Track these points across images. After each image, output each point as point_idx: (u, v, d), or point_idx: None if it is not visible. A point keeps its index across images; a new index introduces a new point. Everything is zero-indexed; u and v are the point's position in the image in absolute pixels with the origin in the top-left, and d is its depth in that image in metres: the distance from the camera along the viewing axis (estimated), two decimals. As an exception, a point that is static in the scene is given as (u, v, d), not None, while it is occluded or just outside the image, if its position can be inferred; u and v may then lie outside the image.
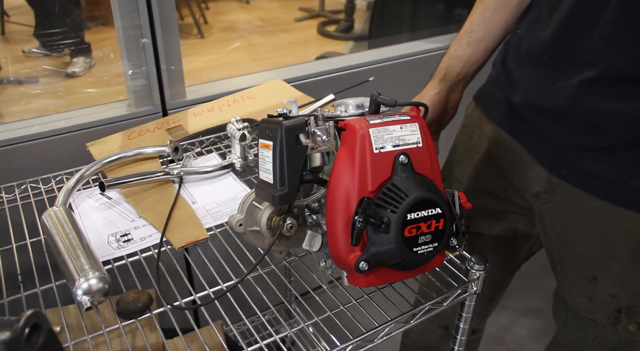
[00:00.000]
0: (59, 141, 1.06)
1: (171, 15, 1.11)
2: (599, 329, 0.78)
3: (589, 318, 0.79)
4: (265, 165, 0.62)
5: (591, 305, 0.78)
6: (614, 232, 0.72)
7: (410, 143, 0.60)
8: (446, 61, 0.85)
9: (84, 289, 0.66)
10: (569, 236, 0.79)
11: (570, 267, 0.80)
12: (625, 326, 0.75)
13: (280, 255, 0.74)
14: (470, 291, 0.74)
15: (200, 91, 1.21)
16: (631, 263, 0.72)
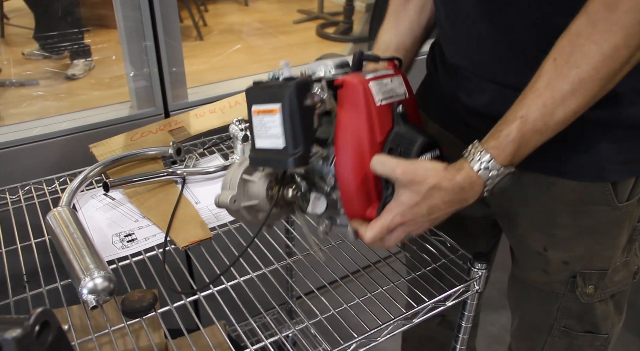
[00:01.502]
0: (62, 143, 1.06)
1: (173, 18, 1.11)
2: (560, 299, 0.80)
3: (548, 290, 0.81)
4: (269, 130, 0.59)
5: (547, 276, 0.80)
6: (553, 200, 0.73)
7: (400, 94, 0.63)
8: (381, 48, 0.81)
9: (90, 288, 0.67)
10: (515, 213, 0.80)
11: (523, 243, 0.82)
12: (583, 290, 0.78)
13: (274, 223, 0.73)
14: (473, 290, 0.75)
15: (201, 93, 1.22)
16: (573, 228, 0.74)
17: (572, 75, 0.53)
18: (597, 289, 0.78)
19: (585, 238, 0.75)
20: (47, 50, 2.74)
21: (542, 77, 0.55)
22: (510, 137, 0.56)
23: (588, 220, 0.73)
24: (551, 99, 0.54)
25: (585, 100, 0.54)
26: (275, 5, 4.00)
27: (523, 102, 0.56)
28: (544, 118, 0.55)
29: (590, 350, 0.84)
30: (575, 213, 0.73)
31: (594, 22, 0.51)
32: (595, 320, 0.81)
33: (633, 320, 1.80)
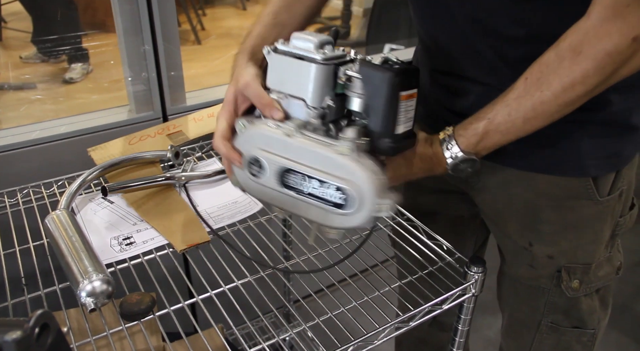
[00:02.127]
0: (61, 146, 1.07)
1: (172, 22, 1.12)
2: (547, 294, 0.83)
3: (535, 285, 0.83)
4: (407, 114, 0.62)
5: (534, 271, 0.82)
6: (537, 196, 0.77)
7: None
8: (251, 41, 0.76)
9: (88, 291, 0.67)
10: (500, 209, 0.82)
11: (509, 240, 0.84)
12: (568, 285, 0.80)
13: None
14: (469, 293, 0.75)
15: (200, 97, 1.23)
16: (557, 222, 0.77)
17: (535, 97, 0.61)
18: (582, 283, 0.81)
19: (569, 232, 0.78)
20: (45, 53, 2.74)
21: (514, 91, 0.63)
22: (477, 131, 0.65)
23: (571, 215, 0.76)
24: (515, 111, 0.63)
25: (543, 118, 0.63)
26: (273, 9, 4.01)
27: (494, 106, 0.64)
28: (507, 124, 0.63)
29: (577, 345, 0.86)
30: (559, 208, 0.77)
31: (560, 58, 0.59)
32: (582, 315, 0.83)
33: (629, 323, 1.81)
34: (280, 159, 0.61)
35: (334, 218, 0.62)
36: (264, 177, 0.63)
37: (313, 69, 0.60)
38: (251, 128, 0.63)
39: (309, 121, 0.62)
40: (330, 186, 0.59)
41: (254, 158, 0.63)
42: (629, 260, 1.97)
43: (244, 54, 0.73)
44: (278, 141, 0.61)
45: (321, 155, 0.59)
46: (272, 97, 0.64)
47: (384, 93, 0.59)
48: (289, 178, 0.62)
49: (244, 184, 0.67)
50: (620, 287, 1.88)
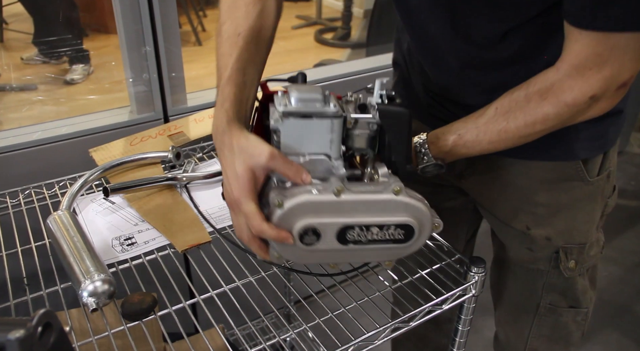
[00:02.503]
0: (62, 147, 1.07)
1: (173, 23, 1.12)
2: (545, 276, 0.87)
3: (534, 268, 0.88)
4: None
5: (532, 254, 0.86)
6: (530, 180, 0.82)
7: None
8: (231, 106, 0.63)
9: (90, 291, 0.67)
10: (496, 198, 0.87)
11: (507, 226, 0.87)
12: (565, 265, 0.85)
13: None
14: (469, 293, 0.75)
15: (201, 98, 1.23)
16: (552, 205, 0.82)
17: (501, 125, 0.69)
18: (578, 263, 0.85)
19: (564, 213, 0.82)
20: (46, 55, 2.74)
21: (484, 116, 0.71)
22: (446, 143, 0.73)
23: (565, 196, 0.82)
24: (483, 133, 0.71)
25: (504, 144, 0.71)
26: (274, 11, 4.02)
27: (466, 124, 0.72)
28: (473, 143, 0.72)
29: (573, 325, 0.91)
30: (553, 191, 0.81)
31: (528, 99, 0.67)
32: (577, 295, 0.88)
33: (630, 324, 1.81)
34: (337, 220, 0.59)
35: (394, 253, 0.64)
36: (320, 243, 0.60)
37: (333, 123, 0.62)
38: (290, 201, 0.58)
39: (337, 173, 0.63)
40: (390, 227, 0.61)
41: (307, 228, 0.59)
42: (629, 260, 1.98)
43: (232, 123, 0.61)
44: (329, 204, 0.58)
45: (377, 201, 0.60)
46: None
47: (404, 127, 0.64)
48: (347, 234, 0.60)
49: (292, 256, 0.62)
50: (620, 288, 1.89)
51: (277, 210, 0.58)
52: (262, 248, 0.62)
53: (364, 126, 0.65)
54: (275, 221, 0.58)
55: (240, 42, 0.68)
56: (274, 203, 0.58)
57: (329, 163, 0.63)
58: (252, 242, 0.61)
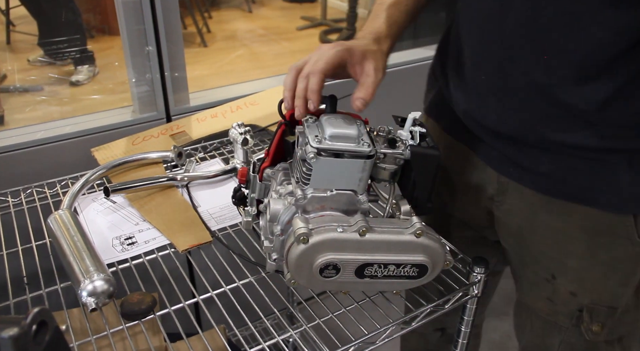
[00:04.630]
0: (65, 146, 1.07)
1: (175, 24, 1.12)
2: (563, 332, 0.78)
3: (552, 321, 0.79)
4: None
5: (553, 306, 0.78)
6: (567, 226, 0.72)
7: None
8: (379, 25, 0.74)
9: (89, 290, 0.67)
10: (524, 236, 0.78)
11: (529, 268, 0.80)
12: (588, 327, 0.75)
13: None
14: (472, 294, 0.75)
15: (203, 97, 1.23)
16: (586, 257, 0.72)
17: None
18: (605, 327, 0.75)
19: (598, 270, 0.72)
20: (52, 56, 2.76)
21: None
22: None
23: (604, 252, 0.71)
24: None
25: None
26: (279, 12, 4.02)
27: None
28: None
29: None
30: (592, 244, 0.71)
31: None
32: None
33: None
34: (358, 257, 0.61)
35: (405, 285, 0.65)
36: (339, 276, 0.62)
37: (365, 164, 0.62)
38: (315, 238, 0.59)
39: (361, 207, 0.64)
40: (406, 265, 0.62)
41: (329, 263, 0.61)
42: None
43: (371, 36, 0.71)
44: (352, 242, 0.60)
45: (399, 243, 0.61)
46: (315, 194, 0.63)
47: (432, 169, 0.65)
48: (365, 270, 0.62)
49: (307, 282, 0.63)
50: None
51: (301, 245, 0.59)
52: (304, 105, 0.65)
53: (391, 161, 0.66)
54: (298, 254, 0.60)
55: None
56: (299, 239, 0.59)
57: (354, 198, 0.64)
58: (302, 100, 0.65)
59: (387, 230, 0.61)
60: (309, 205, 0.63)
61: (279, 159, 0.72)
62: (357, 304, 0.74)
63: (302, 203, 0.63)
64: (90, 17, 2.67)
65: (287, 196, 0.65)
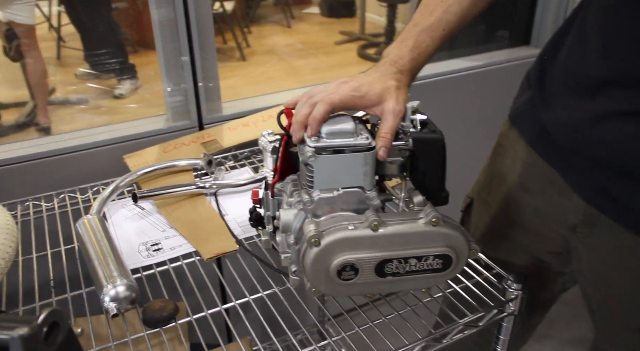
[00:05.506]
0: (99, 153, 1.08)
1: (209, 37, 1.13)
2: None
3: None
4: None
5: None
6: None
7: None
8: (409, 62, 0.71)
9: (112, 296, 0.66)
10: (610, 278, 0.71)
11: (612, 314, 0.74)
12: None
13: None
14: (508, 311, 0.70)
15: (236, 107, 1.23)
16: None
17: None
18: None
19: None
20: (97, 70, 2.86)
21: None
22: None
23: None
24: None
25: None
26: (318, 27, 4.05)
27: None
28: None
29: None
30: None
31: None
32: None
33: None
34: (375, 254, 0.58)
35: (432, 280, 0.62)
36: (358, 278, 0.59)
37: (366, 156, 0.60)
38: (327, 239, 0.57)
39: (372, 204, 0.62)
40: (428, 258, 0.59)
41: (345, 264, 0.58)
42: None
43: (397, 66, 0.69)
44: (366, 239, 0.57)
45: (415, 233, 0.58)
46: (322, 196, 0.61)
47: (438, 154, 0.62)
48: (386, 268, 0.59)
49: (328, 290, 0.61)
50: None
51: (313, 248, 0.57)
52: (300, 131, 0.64)
53: (396, 153, 0.63)
54: (312, 258, 0.57)
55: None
56: (310, 241, 0.57)
57: (362, 195, 0.62)
58: (299, 126, 0.64)
59: (400, 222, 0.58)
60: (318, 209, 0.62)
61: (287, 172, 0.70)
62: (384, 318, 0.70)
63: (310, 207, 0.61)
64: (133, 33, 2.75)
65: (297, 204, 0.63)
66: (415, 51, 0.70)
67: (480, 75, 1.57)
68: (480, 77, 1.57)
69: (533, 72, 0.80)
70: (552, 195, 0.76)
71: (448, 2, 0.72)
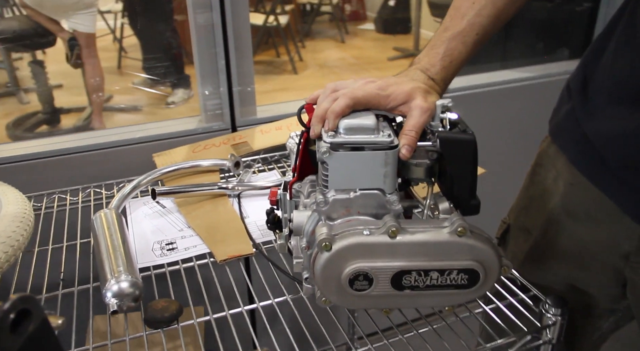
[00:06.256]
0: (131, 151, 1.08)
1: (246, 41, 1.13)
2: None
3: None
4: None
5: None
6: None
7: None
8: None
9: (114, 291, 0.63)
10: None
11: None
12: None
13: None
14: (545, 338, 0.61)
15: (272, 110, 1.20)
16: None
17: None
18: None
19: None
20: (153, 80, 2.95)
21: None
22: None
23: None
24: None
25: None
26: (372, 43, 4.03)
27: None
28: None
29: None
30: None
31: None
32: None
33: None
34: (391, 264, 0.52)
35: (457, 298, 0.55)
36: (372, 289, 0.54)
37: (387, 156, 0.55)
38: (339, 243, 0.51)
39: (393, 209, 0.56)
40: (452, 272, 0.53)
41: (358, 273, 0.52)
42: None
43: (426, 71, 0.64)
44: (383, 246, 0.52)
45: (438, 244, 0.52)
46: (337, 197, 0.56)
47: (468, 157, 0.56)
48: (403, 280, 0.53)
49: (340, 301, 0.55)
50: None
51: (324, 253, 0.52)
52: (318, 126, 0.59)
53: (423, 155, 0.57)
54: (322, 264, 0.52)
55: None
56: (321, 245, 0.52)
57: (382, 199, 0.56)
58: (318, 120, 0.59)
59: (422, 229, 0.52)
60: (332, 211, 0.56)
61: (307, 173, 0.65)
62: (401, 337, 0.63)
63: (324, 209, 0.56)
64: (189, 44, 2.82)
65: (312, 206, 0.58)
66: (447, 59, 0.65)
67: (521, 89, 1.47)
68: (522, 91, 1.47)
69: (574, 80, 0.72)
70: (600, 220, 0.67)
71: (480, 3, 0.66)
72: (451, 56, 0.65)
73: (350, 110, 0.58)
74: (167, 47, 2.69)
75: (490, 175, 0.82)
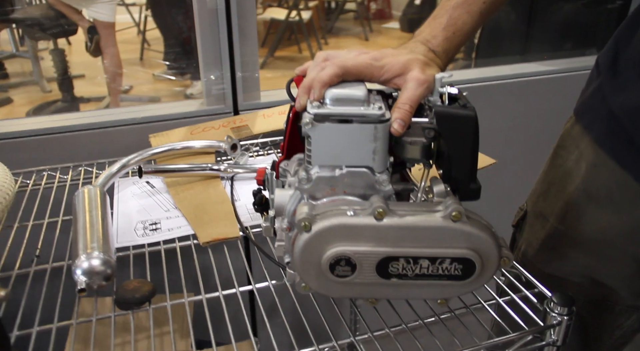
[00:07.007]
0: (129, 131, 1.05)
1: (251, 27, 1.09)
2: None
3: None
4: None
5: None
6: None
7: None
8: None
9: (84, 269, 0.59)
10: None
11: None
12: None
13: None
14: (548, 340, 0.55)
15: (276, 95, 1.16)
16: None
17: None
18: None
19: None
20: (173, 71, 2.96)
21: None
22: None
23: None
24: None
25: None
26: (395, 41, 3.96)
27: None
28: None
29: None
30: None
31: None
32: None
33: None
34: (376, 249, 0.48)
35: (449, 291, 0.51)
36: (355, 276, 0.49)
37: (376, 130, 0.50)
38: (320, 224, 0.47)
39: (382, 189, 0.51)
40: (444, 261, 0.48)
41: (339, 257, 0.48)
42: None
43: (426, 44, 0.59)
44: (367, 228, 0.47)
45: (429, 229, 0.47)
46: (321, 174, 0.51)
47: (468, 136, 0.50)
48: (390, 267, 0.49)
49: (321, 288, 0.51)
50: None
51: (303, 234, 0.47)
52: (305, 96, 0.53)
53: (418, 132, 0.52)
54: (301, 246, 0.48)
55: None
56: (300, 225, 0.47)
57: (371, 178, 0.51)
58: (304, 90, 0.53)
59: (412, 212, 0.47)
60: (316, 190, 0.51)
61: (296, 150, 0.60)
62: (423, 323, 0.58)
63: (307, 187, 0.51)
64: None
65: (295, 184, 0.53)
66: (450, 29, 0.59)
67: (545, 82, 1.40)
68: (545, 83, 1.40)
69: (603, 56, 0.66)
70: (623, 204, 0.62)
71: None
72: (454, 26, 0.59)
73: (339, 80, 0.53)
74: (187, 40, 2.69)
75: (507, 168, 0.75)
